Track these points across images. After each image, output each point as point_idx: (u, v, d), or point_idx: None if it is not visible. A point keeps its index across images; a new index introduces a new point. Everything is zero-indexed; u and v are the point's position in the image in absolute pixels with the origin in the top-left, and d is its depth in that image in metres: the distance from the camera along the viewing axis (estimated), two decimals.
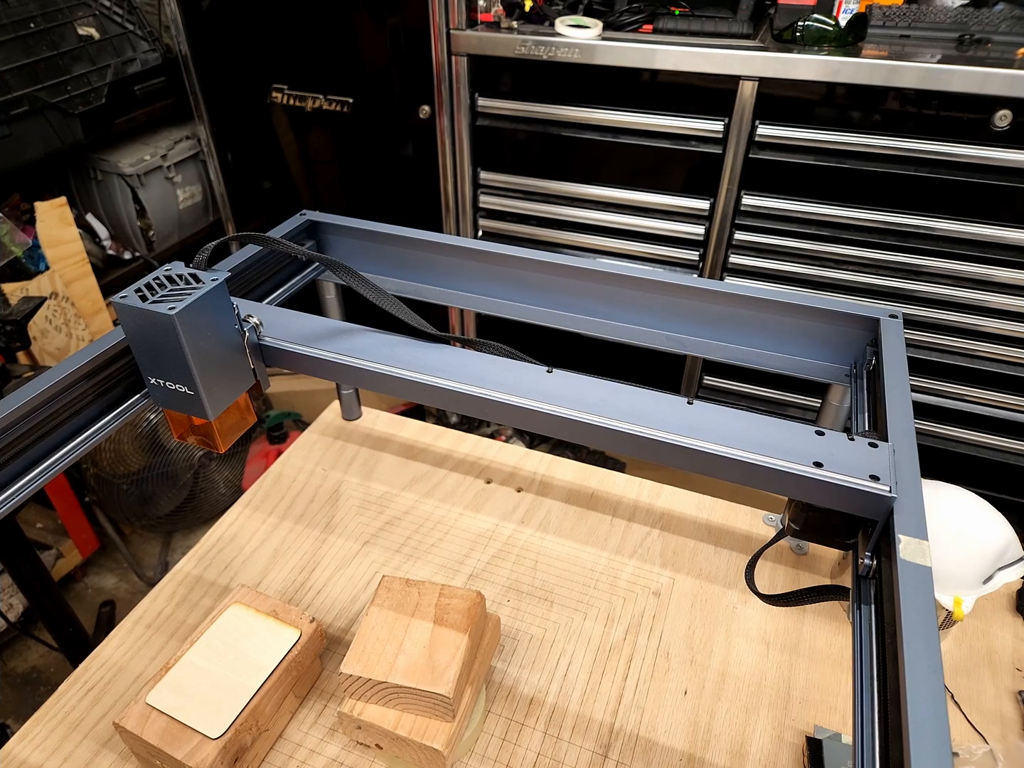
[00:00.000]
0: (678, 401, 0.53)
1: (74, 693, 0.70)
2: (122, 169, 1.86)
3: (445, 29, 1.52)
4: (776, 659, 0.73)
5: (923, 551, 0.41)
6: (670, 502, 0.91)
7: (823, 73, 1.29)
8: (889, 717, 0.38)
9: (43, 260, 1.70)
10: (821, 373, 0.67)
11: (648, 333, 0.71)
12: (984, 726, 0.67)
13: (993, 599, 0.78)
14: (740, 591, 0.80)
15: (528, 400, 0.53)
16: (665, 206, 1.54)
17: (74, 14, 1.66)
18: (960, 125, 1.26)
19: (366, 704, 0.61)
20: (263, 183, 2.00)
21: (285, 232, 0.77)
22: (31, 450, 0.54)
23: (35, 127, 1.60)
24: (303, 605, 0.79)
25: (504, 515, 0.89)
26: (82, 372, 0.56)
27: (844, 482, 0.45)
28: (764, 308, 0.65)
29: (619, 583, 0.81)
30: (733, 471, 0.48)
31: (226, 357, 0.58)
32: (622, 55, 1.40)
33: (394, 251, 0.78)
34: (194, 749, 0.57)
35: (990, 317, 1.39)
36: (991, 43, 1.33)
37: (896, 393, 0.54)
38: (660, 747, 0.66)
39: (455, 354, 0.59)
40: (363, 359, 0.58)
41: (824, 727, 0.66)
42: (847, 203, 1.39)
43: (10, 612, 1.56)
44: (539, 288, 0.73)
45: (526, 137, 1.59)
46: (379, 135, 1.74)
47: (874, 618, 0.43)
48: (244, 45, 1.77)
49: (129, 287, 0.54)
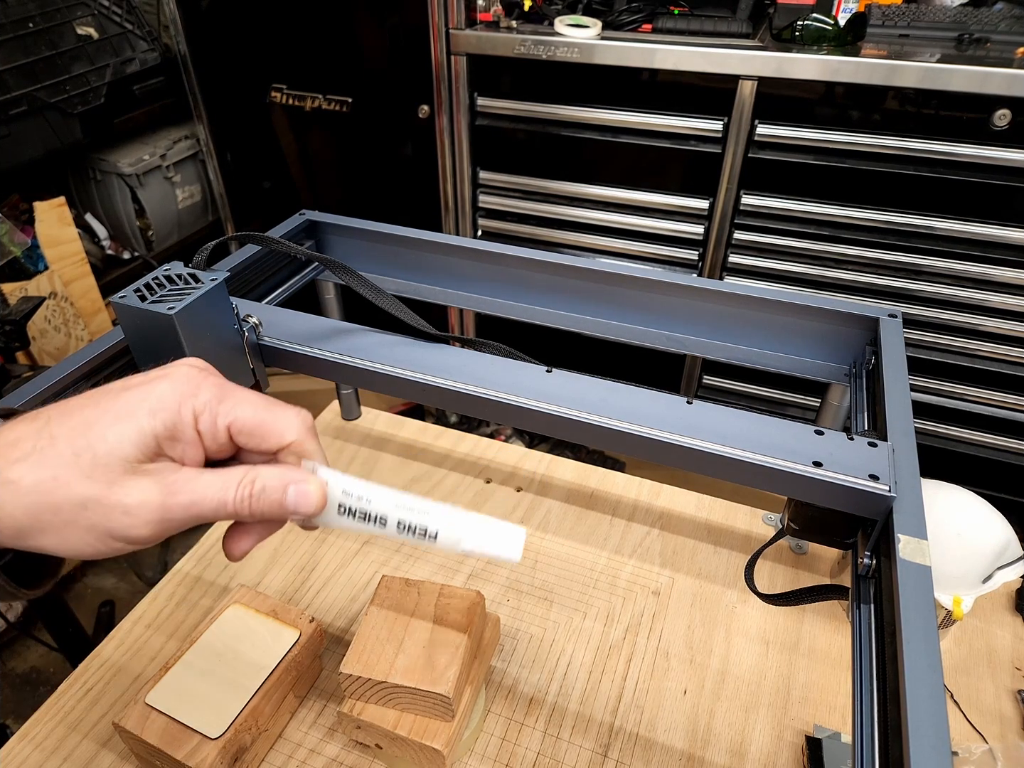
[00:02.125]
0: (677, 401, 0.53)
1: (74, 693, 0.70)
2: (121, 169, 1.86)
3: (444, 29, 1.52)
4: (776, 658, 0.73)
5: (923, 550, 0.41)
6: (670, 501, 0.91)
7: (822, 72, 1.29)
8: (889, 716, 0.38)
9: (42, 260, 1.70)
10: (820, 372, 0.67)
11: (647, 333, 0.71)
12: (983, 725, 0.67)
13: (992, 598, 0.78)
14: (740, 590, 0.80)
15: (527, 400, 0.53)
16: (664, 206, 1.54)
17: (73, 14, 1.65)
18: (959, 124, 1.26)
19: (366, 704, 0.61)
20: (262, 183, 2.00)
21: (284, 232, 0.77)
22: None
23: (34, 127, 1.60)
24: (303, 605, 0.79)
25: (504, 515, 0.89)
26: (81, 372, 0.56)
27: (843, 481, 0.45)
28: (763, 308, 0.65)
29: (619, 582, 0.81)
30: (732, 471, 0.48)
31: (225, 357, 0.58)
32: (621, 55, 1.40)
33: (393, 251, 0.78)
34: (194, 749, 0.57)
35: (990, 316, 1.39)
36: (990, 42, 1.33)
37: (895, 393, 0.54)
38: (660, 746, 0.66)
39: (455, 354, 0.59)
40: (362, 359, 0.58)
41: (824, 726, 0.66)
42: (846, 203, 1.39)
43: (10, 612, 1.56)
44: (538, 288, 0.73)
45: (525, 137, 1.59)
46: (378, 135, 1.74)
47: (873, 617, 0.43)
48: (243, 45, 1.77)
49: (128, 287, 0.54)
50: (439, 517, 0.36)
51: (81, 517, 0.29)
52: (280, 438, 0.34)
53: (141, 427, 0.30)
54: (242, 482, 0.32)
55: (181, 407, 0.31)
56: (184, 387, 0.32)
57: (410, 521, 0.36)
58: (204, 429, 0.32)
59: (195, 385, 0.32)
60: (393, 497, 0.36)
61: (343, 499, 0.35)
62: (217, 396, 0.32)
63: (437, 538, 0.36)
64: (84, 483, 0.29)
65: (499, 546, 0.36)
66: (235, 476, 0.32)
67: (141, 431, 0.30)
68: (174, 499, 0.30)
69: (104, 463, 0.29)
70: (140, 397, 0.31)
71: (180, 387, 0.32)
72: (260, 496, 0.32)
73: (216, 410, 0.32)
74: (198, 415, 0.32)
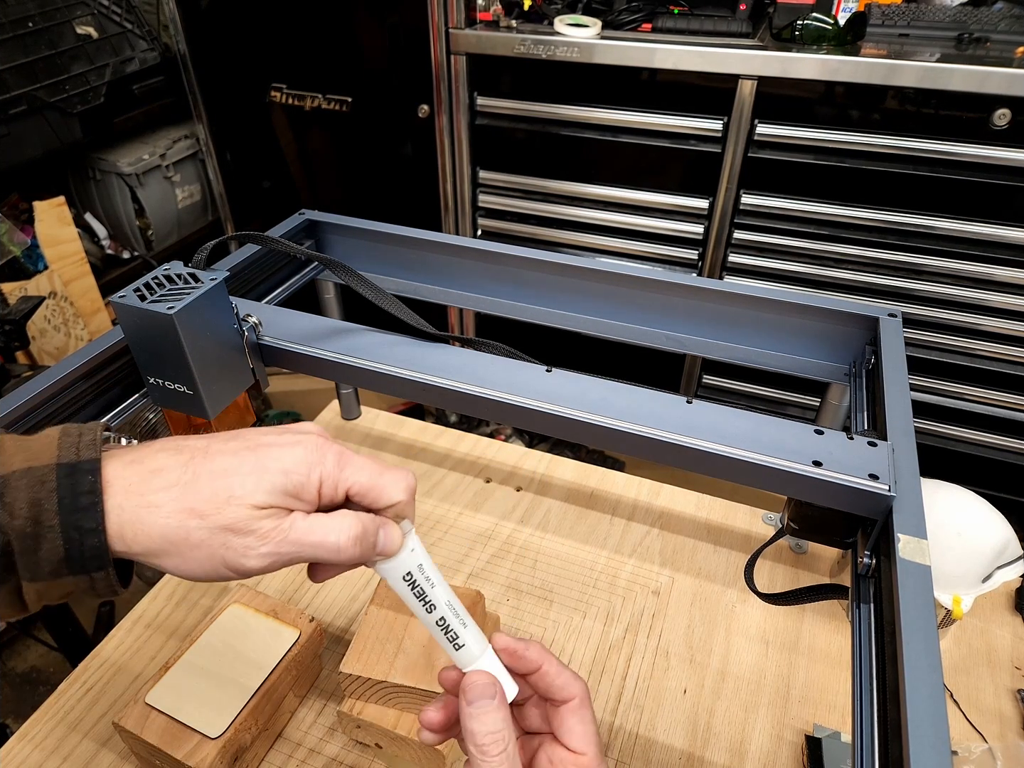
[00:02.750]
0: (677, 400, 0.53)
1: (73, 693, 0.70)
2: (121, 168, 1.86)
3: (444, 28, 1.52)
4: (775, 658, 0.73)
5: (922, 550, 0.41)
6: (669, 501, 0.91)
7: (822, 72, 1.29)
8: (888, 716, 0.38)
9: (42, 260, 1.70)
10: (820, 372, 0.67)
11: (647, 332, 0.71)
12: (983, 725, 0.67)
13: (992, 598, 0.78)
14: (739, 590, 0.80)
15: (527, 399, 0.53)
16: (664, 205, 1.54)
17: (72, 13, 1.65)
18: (959, 124, 1.26)
19: (366, 703, 0.61)
20: (262, 182, 2.00)
21: (284, 231, 0.77)
22: None
23: (34, 126, 1.60)
24: (302, 604, 0.79)
25: (503, 514, 0.89)
26: (81, 372, 0.56)
27: (843, 481, 0.45)
28: (763, 307, 0.65)
29: (618, 582, 0.81)
30: (732, 470, 0.48)
31: (225, 356, 0.58)
32: (621, 54, 1.40)
33: (393, 250, 0.78)
34: (194, 749, 0.57)
35: (990, 316, 1.39)
36: (990, 42, 1.33)
37: (895, 392, 0.54)
38: (660, 746, 0.66)
39: (454, 353, 0.59)
40: (362, 358, 0.58)
41: (823, 726, 0.66)
42: (846, 202, 1.39)
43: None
44: (538, 287, 0.73)
45: (525, 136, 1.59)
46: (378, 134, 1.74)
47: (873, 617, 0.43)
48: (243, 44, 1.77)
49: (128, 287, 0.54)
50: (471, 636, 0.40)
51: (205, 546, 0.34)
52: (390, 499, 0.38)
53: (274, 483, 0.34)
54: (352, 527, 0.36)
55: (311, 472, 0.36)
56: (314, 455, 0.36)
57: (450, 624, 0.39)
58: (325, 492, 0.36)
59: (322, 454, 0.36)
60: (448, 595, 0.39)
61: (416, 572, 0.39)
62: (339, 464, 0.37)
63: (460, 649, 0.39)
64: (216, 518, 0.33)
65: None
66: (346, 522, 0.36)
67: (273, 486, 0.34)
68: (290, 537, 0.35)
69: (236, 504, 0.34)
70: (276, 457, 0.35)
71: (311, 455, 0.36)
72: (363, 539, 0.36)
73: (338, 477, 0.36)
74: (323, 481, 0.36)
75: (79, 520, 0.32)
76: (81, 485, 0.32)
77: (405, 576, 0.38)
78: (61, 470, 0.33)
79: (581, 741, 0.39)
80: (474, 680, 0.38)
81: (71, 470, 0.33)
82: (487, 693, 0.38)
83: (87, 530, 0.32)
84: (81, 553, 0.32)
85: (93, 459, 0.33)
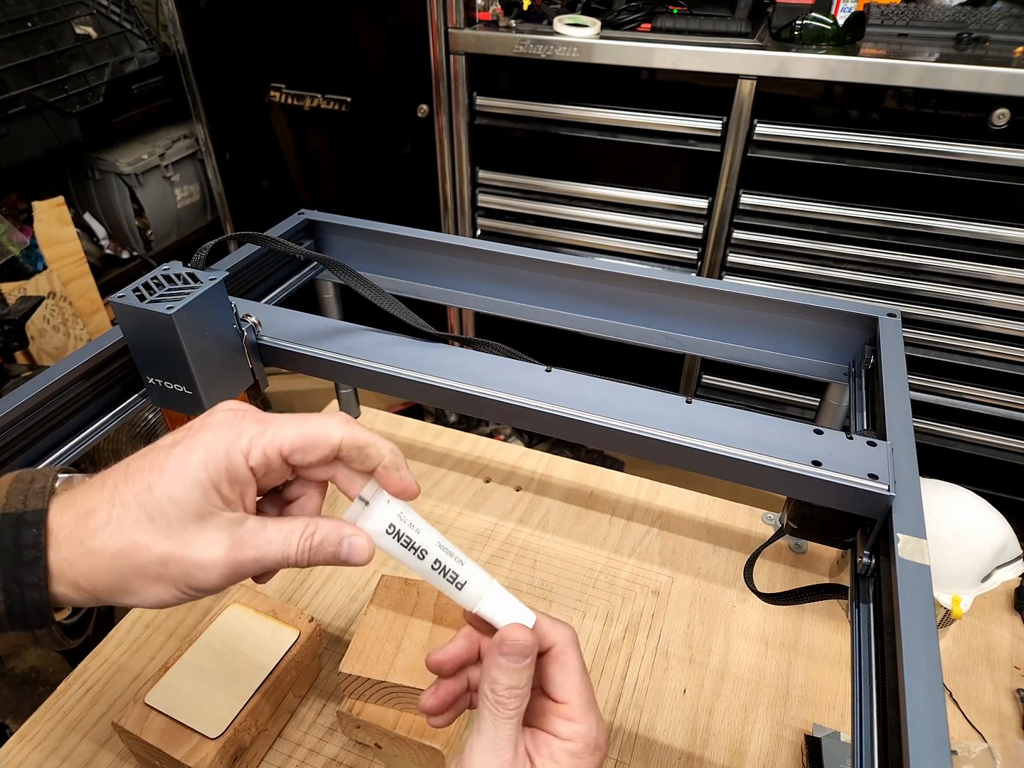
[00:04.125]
0: (677, 400, 0.53)
1: (73, 693, 0.70)
2: (120, 168, 1.86)
3: (443, 28, 1.52)
4: (775, 658, 0.73)
5: (922, 550, 0.41)
6: (669, 501, 0.91)
7: (821, 72, 1.29)
8: (888, 715, 0.38)
9: (41, 260, 1.70)
10: (819, 372, 0.67)
11: (647, 332, 0.71)
12: (982, 724, 0.67)
13: (991, 597, 0.78)
14: (739, 590, 0.80)
15: (527, 399, 0.53)
16: (664, 205, 1.54)
17: (71, 13, 1.65)
18: (958, 124, 1.26)
19: (365, 703, 0.61)
20: (261, 182, 2.00)
21: (283, 231, 0.76)
22: (29, 450, 0.54)
23: (33, 126, 1.60)
24: (302, 604, 0.79)
25: (503, 514, 0.89)
26: (80, 372, 0.56)
27: (843, 481, 0.45)
28: (762, 307, 0.65)
29: (618, 582, 0.81)
30: (732, 470, 0.48)
31: (224, 356, 0.58)
32: (620, 54, 1.40)
33: (393, 250, 0.78)
34: (193, 749, 0.57)
35: (989, 316, 1.39)
36: (989, 42, 1.33)
37: (895, 392, 0.54)
38: (659, 746, 0.66)
39: (454, 353, 0.59)
40: (362, 358, 0.58)
41: (823, 725, 0.66)
42: (846, 202, 1.39)
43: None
44: (538, 287, 0.73)
45: (525, 136, 1.59)
46: (377, 134, 1.74)
47: (873, 617, 0.43)
48: (242, 44, 1.77)
49: (127, 286, 0.54)
50: (471, 572, 0.38)
51: (163, 575, 0.32)
52: (328, 440, 0.35)
53: (198, 480, 0.32)
54: (303, 535, 0.35)
55: (228, 451, 0.33)
56: (226, 432, 0.34)
57: (446, 564, 0.38)
58: (256, 464, 0.34)
59: (236, 427, 0.34)
60: (437, 537, 0.38)
61: (397, 521, 0.37)
62: (259, 431, 0.34)
63: (463, 588, 0.38)
64: (163, 544, 0.32)
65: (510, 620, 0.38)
66: (297, 529, 0.35)
67: (199, 484, 0.32)
68: (242, 554, 0.33)
69: (177, 522, 0.32)
70: (187, 450, 0.33)
71: (222, 433, 0.34)
72: (318, 549, 0.35)
73: (261, 443, 0.34)
74: (247, 454, 0.33)
75: (20, 575, 0.31)
76: (25, 538, 0.31)
77: (388, 529, 0.37)
78: (6, 520, 0.31)
79: (561, 690, 0.37)
80: (516, 636, 0.36)
81: (16, 520, 0.31)
82: (525, 653, 0.36)
83: (27, 584, 0.31)
84: (23, 608, 0.31)
85: (39, 509, 0.32)
